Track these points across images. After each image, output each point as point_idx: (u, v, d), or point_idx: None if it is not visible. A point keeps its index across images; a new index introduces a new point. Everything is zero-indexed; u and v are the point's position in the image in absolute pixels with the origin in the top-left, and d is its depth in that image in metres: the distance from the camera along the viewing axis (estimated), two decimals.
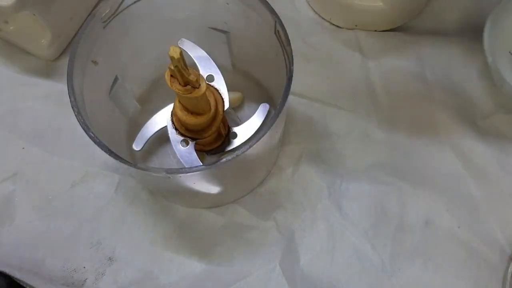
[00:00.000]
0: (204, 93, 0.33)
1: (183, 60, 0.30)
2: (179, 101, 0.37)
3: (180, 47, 0.29)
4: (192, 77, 0.32)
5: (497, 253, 0.41)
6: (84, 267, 0.41)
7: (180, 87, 0.33)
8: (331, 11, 0.49)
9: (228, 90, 0.39)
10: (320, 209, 0.42)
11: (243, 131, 0.41)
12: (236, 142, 0.42)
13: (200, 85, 0.33)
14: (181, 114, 0.37)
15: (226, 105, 0.40)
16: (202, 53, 0.39)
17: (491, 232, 0.41)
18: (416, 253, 0.41)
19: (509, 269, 0.40)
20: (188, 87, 0.33)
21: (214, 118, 0.38)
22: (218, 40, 0.41)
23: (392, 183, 0.43)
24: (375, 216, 0.42)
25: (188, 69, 0.31)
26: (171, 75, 0.32)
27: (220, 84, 0.39)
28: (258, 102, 0.41)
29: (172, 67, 0.31)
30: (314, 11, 0.51)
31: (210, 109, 0.37)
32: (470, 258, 0.40)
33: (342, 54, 0.48)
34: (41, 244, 0.41)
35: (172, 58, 0.30)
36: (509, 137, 0.44)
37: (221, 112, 0.39)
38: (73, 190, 0.43)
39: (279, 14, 0.34)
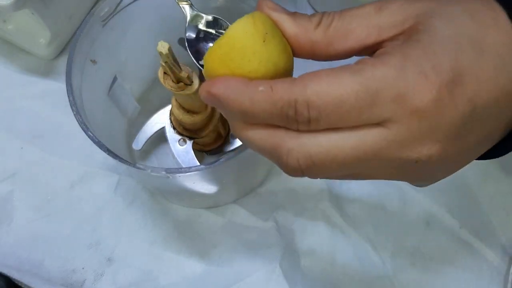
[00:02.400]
0: (197, 90, 0.33)
1: (173, 55, 0.30)
2: (176, 100, 0.37)
3: (168, 43, 0.29)
4: (183, 74, 0.32)
5: (498, 253, 0.40)
6: (83, 268, 0.41)
7: (172, 84, 0.33)
8: (332, 10, 0.49)
9: None
10: (320, 209, 0.42)
11: None
12: (236, 142, 0.42)
13: (192, 82, 0.33)
14: (178, 112, 0.37)
15: None
16: None
17: (492, 232, 0.41)
18: (416, 253, 0.41)
19: (511, 270, 0.39)
20: (181, 84, 0.33)
21: (210, 117, 0.38)
22: None
23: (393, 184, 0.43)
24: (375, 216, 0.42)
25: (179, 65, 0.31)
26: (164, 72, 0.32)
27: None
28: None
29: (163, 63, 0.31)
30: (315, 10, 0.51)
31: (206, 107, 0.37)
32: (471, 259, 0.40)
33: None
34: (40, 244, 0.41)
35: (160, 53, 0.30)
36: None
37: (218, 111, 0.39)
38: (72, 190, 0.43)
39: None
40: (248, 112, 0.21)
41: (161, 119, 0.42)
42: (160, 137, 0.43)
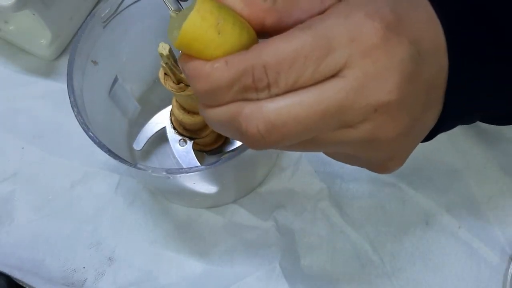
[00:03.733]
0: None
1: (173, 57, 0.30)
2: (176, 100, 0.37)
3: (168, 44, 0.29)
4: (184, 75, 0.32)
5: (497, 253, 0.41)
6: (84, 267, 0.41)
7: (173, 85, 0.33)
8: None
9: None
10: (320, 209, 0.42)
11: None
12: (236, 143, 0.42)
13: None
14: (178, 113, 0.37)
15: None
16: None
17: (492, 232, 0.41)
18: (416, 253, 0.41)
19: (510, 270, 0.40)
20: (181, 84, 0.33)
21: None
22: None
23: (392, 183, 0.43)
24: (375, 216, 0.42)
25: (180, 66, 0.32)
26: (165, 73, 0.33)
27: None
28: None
29: (164, 64, 0.31)
30: None
31: None
32: (470, 258, 0.40)
33: None
34: (41, 244, 0.41)
35: (161, 54, 0.30)
36: (509, 137, 0.44)
37: None
38: (73, 190, 0.43)
39: None
40: (208, 92, 0.21)
41: (161, 119, 0.42)
42: (160, 137, 0.43)
